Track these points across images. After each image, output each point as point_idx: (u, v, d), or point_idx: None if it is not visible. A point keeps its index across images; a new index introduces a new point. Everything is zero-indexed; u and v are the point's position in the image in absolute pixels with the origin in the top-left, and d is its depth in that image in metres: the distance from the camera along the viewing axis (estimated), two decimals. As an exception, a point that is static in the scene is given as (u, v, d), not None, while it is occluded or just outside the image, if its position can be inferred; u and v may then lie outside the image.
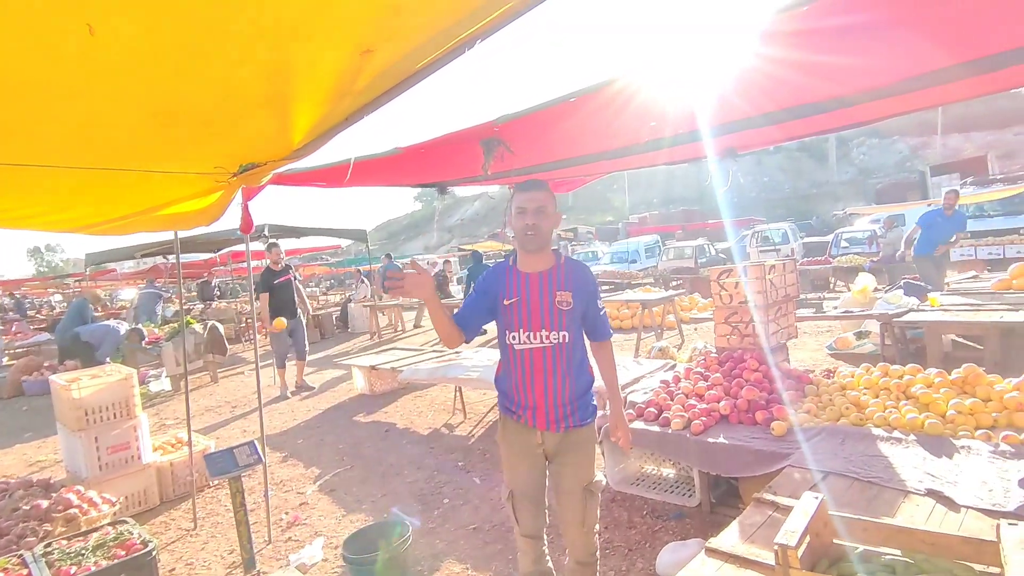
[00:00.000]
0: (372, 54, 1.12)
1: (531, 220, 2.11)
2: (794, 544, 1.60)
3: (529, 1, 0.96)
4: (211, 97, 1.30)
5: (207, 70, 1.16)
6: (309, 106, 1.42)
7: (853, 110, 2.99)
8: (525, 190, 2.14)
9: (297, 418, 6.55)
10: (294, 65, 1.17)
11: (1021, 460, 2.40)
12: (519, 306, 2.17)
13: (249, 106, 1.38)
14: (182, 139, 1.62)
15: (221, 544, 3.69)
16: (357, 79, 1.25)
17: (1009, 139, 38.65)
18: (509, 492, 2.29)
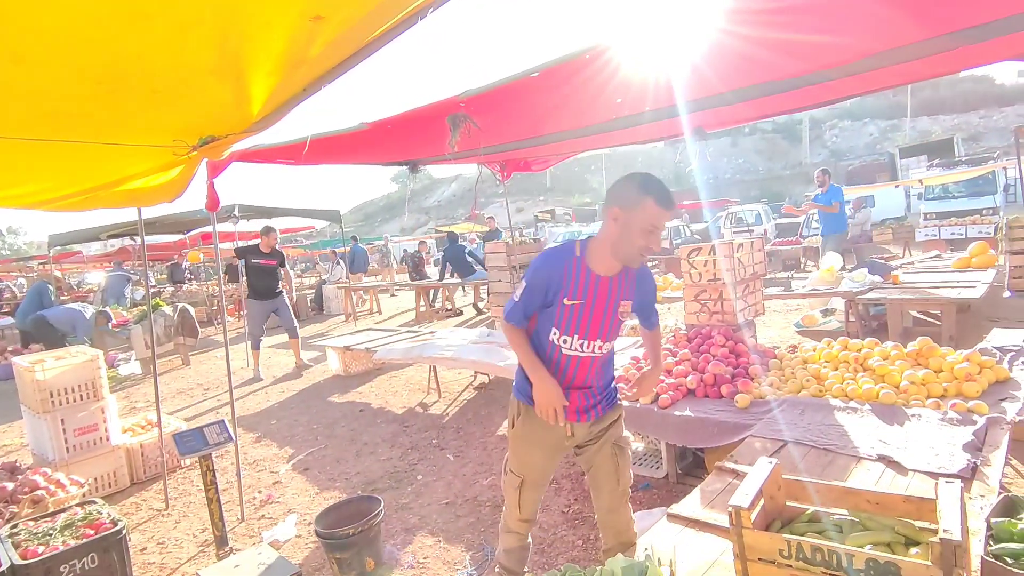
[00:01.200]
0: (323, 20, 1.11)
1: (659, 241, 1.88)
2: (747, 505, 1.66)
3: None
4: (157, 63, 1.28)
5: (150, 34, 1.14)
6: (263, 75, 1.41)
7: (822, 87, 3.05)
8: (669, 207, 1.82)
9: (271, 399, 6.52)
10: (244, 30, 1.15)
11: (967, 426, 2.51)
12: (581, 310, 1.95)
13: (199, 72, 1.36)
14: (132, 108, 1.59)
15: (193, 523, 3.68)
16: (310, 46, 1.24)
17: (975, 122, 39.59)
18: (520, 481, 2.20)
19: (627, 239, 1.84)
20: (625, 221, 1.83)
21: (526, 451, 2.20)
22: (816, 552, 1.54)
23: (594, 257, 1.94)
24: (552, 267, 1.93)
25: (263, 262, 7.43)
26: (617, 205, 1.85)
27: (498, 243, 7.12)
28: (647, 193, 1.80)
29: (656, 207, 1.80)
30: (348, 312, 12.51)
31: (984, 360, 3.03)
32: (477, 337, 5.98)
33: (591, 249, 1.94)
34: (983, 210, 15.05)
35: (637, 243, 1.83)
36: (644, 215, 1.80)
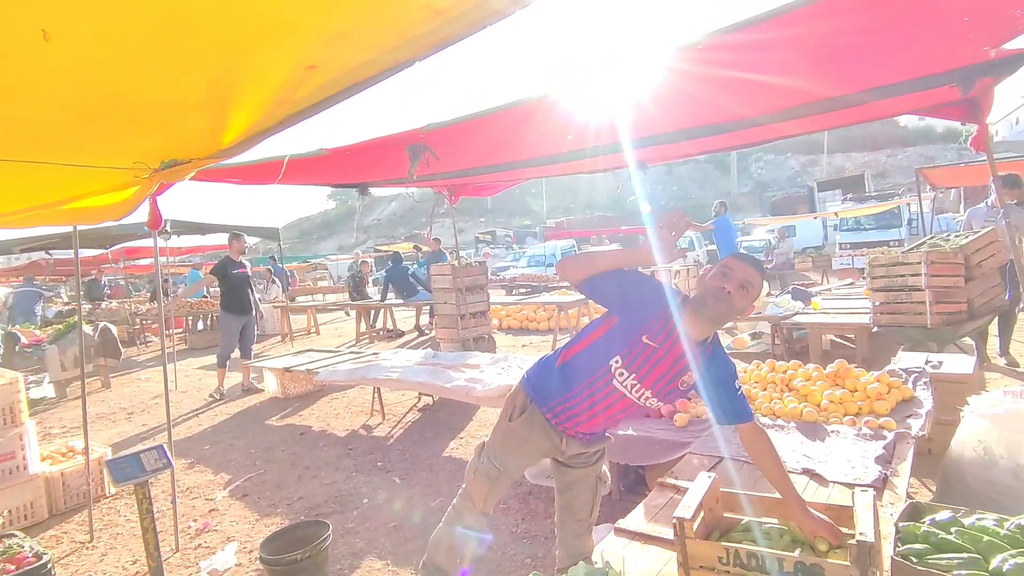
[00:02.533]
0: (316, 69, 1.17)
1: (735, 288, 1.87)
2: (690, 517, 1.80)
3: (465, 31, 1.05)
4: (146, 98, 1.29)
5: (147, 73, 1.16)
6: (246, 112, 1.44)
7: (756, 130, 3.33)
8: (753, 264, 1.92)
9: (203, 424, 6.25)
10: (239, 77, 1.20)
11: (878, 441, 2.77)
12: (653, 353, 1.91)
13: (185, 109, 1.39)
14: (103, 134, 1.58)
15: (122, 555, 3.50)
16: (298, 89, 1.29)
17: (883, 160, 43.16)
18: (499, 473, 2.19)
19: (705, 285, 1.92)
20: (709, 274, 1.96)
21: (516, 447, 2.19)
22: (751, 558, 1.69)
23: (687, 314, 1.91)
24: (652, 294, 1.94)
25: (240, 271, 7.14)
26: None
27: (444, 265, 7.18)
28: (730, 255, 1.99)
29: (732, 259, 1.95)
30: (285, 332, 12.14)
31: (892, 380, 3.34)
32: (422, 359, 5.98)
33: (691, 305, 1.92)
34: (890, 241, 16.39)
35: (711, 284, 1.90)
36: (722, 265, 1.94)
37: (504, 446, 2.21)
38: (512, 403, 2.22)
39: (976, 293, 4.67)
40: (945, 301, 4.68)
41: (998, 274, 4.85)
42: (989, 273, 4.74)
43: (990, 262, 4.70)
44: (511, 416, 2.19)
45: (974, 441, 2.61)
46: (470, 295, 6.74)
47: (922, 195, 9.80)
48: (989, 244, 4.72)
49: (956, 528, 1.82)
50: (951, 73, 2.20)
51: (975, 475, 2.59)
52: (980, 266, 4.68)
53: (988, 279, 4.74)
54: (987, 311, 4.71)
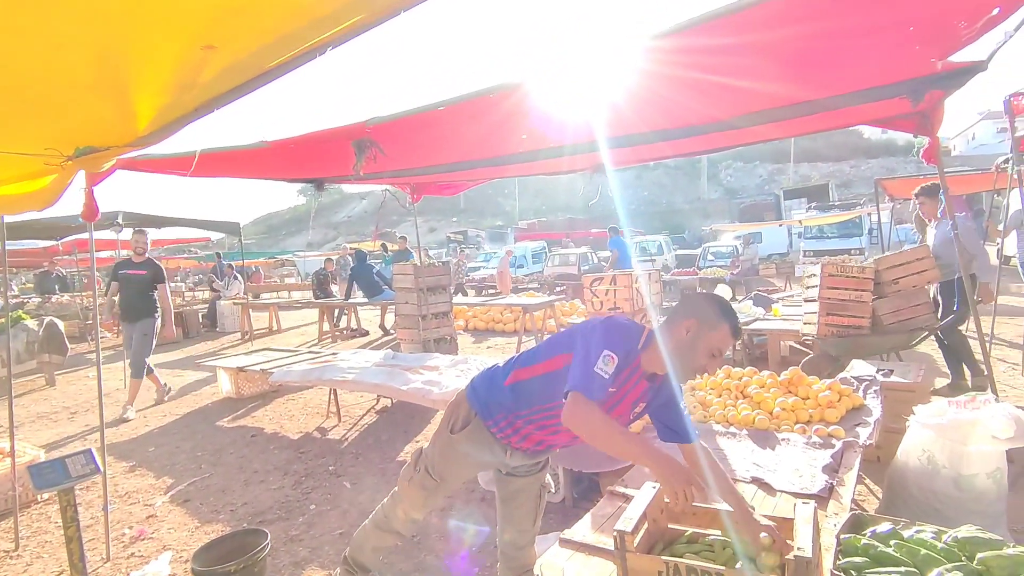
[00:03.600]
0: (215, 50, 1.08)
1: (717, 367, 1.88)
2: (630, 530, 1.75)
3: (379, 16, 0.98)
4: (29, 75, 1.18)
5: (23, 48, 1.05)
6: (149, 95, 1.34)
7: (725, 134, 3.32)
8: (737, 337, 1.86)
9: (150, 424, 6.01)
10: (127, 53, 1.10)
11: (826, 450, 2.77)
12: (611, 397, 1.87)
13: (75, 88, 1.27)
14: (4, 117, 1.45)
15: (49, 564, 3.30)
16: (200, 72, 1.19)
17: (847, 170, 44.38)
18: (436, 485, 2.14)
19: (692, 354, 1.82)
20: (696, 336, 1.81)
21: (457, 460, 2.12)
22: (691, 572, 1.64)
23: (649, 355, 1.87)
24: (629, 345, 1.85)
25: (130, 272, 6.25)
26: (696, 318, 1.82)
27: (406, 265, 7.05)
28: (727, 320, 1.82)
29: (729, 335, 1.82)
30: (245, 330, 11.83)
31: (843, 389, 3.37)
32: (381, 360, 5.85)
33: (651, 347, 1.86)
34: (851, 250, 16.80)
35: (700, 361, 1.83)
36: (717, 338, 1.81)
37: (443, 458, 2.13)
38: (455, 413, 2.13)
39: (887, 310, 4.61)
40: (838, 314, 4.66)
41: (924, 293, 4.74)
42: (909, 291, 4.64)
43: (911, 280, 4.64)
44: (452, 427, 2.10)
45: (918, 450, 2.63)
46: (432, 295, 6.63)
47: (881, 205, 10.05)
48: (911, 262, 4.65)
49: (895, 541, 1.81)
50: (901, 84, 2.21)
51: (919, 484, 2.61)
52: (896, 283, 4.64)
53: (908, 297, 4.63)
54: (902, 329, 4.62)
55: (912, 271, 4.64)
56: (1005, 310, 7.41)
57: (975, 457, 2.45)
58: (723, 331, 1.81)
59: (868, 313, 4.62)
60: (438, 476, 2.13)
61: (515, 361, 2.10)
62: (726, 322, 1.82)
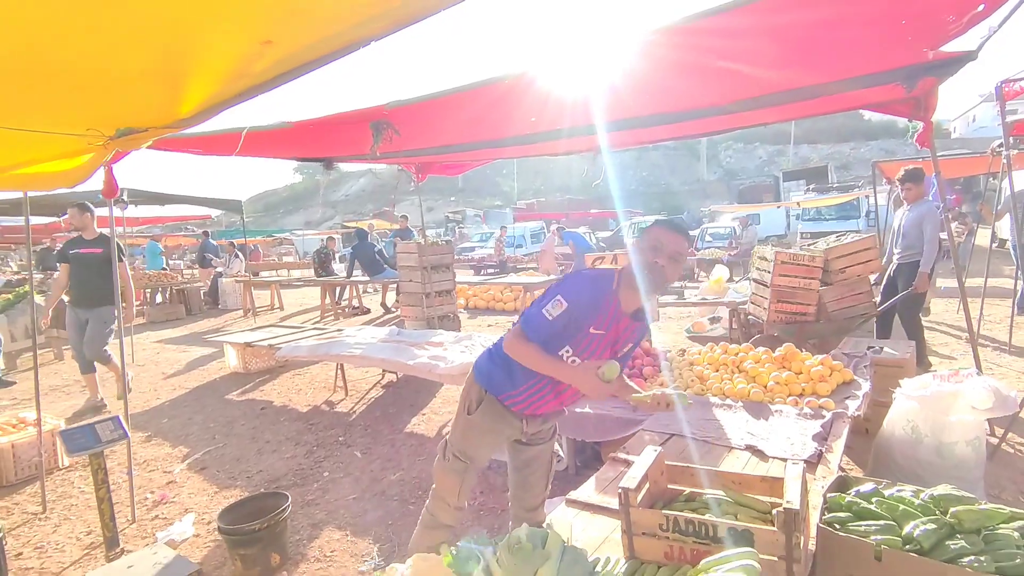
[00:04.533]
0: (272, 45, 1.18)
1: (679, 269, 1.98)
2: (634, 487, 1.90)
3: (423, 12, 1.08)
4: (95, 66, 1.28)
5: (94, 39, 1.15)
6: (202, 83, 1.44)
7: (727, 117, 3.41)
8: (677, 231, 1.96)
9: (161, 397, 6.17)
10: (192, 48, 1.20)
11: (816, 420, 2.93)
12: (601, 340, 2.02)
13: (131, 75, 1.37)
14: (50, 98, 1.55)
15: (76, 526, 3.47)
16: (255, 64, 1.30)
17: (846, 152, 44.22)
18: (464, 467, 2.26)
19: (645, 266, 1.95)
20: (640, 250, 1.97)
21: (479, 438, 2.25)
22: (688, 524, 1.79)
23: (624, 291, 2.00)
24: (596, 295, 1.98)
25: (83, 251, 5.25)
26: (639, 243, 1.99)
27: (410, 243, 7.16)
28: (658, 227, 1.98)
29: (665, 231, 1.95)
30: (247, 307, 11.95)
31: (834, 364, 3.52)
32: (386, 335, 6.00)
33: (624, 282, 2.00)
34: (848, 232, 16.87)
35: (644, 258, 1.95)
36: (656, 242, 1.95)
37: (466, 439, 2.27)
38: (468, 396, 2.27)
39: (832, 298, 4.79)
40: (787, 301, 4.84)
41: (866, 282, 4.92)
42: (854, 280, 4.82)
43: (856, 269, 4.80)
44: (469, 409, 2.25)
45: (903, 421, 2.79)
46: (435, 273, 6.75)
47: (878, 188, 10.13)
48: (858, 252, 4.81)
49: (877, 498, 1.97)
50: (895, 72, 2.32)
51: (903, 452, 2.78)
52: (843, 272, 4.80)
53: (852, 286, 4.82)
54: (846, 316, 4.80)
55: (859, 260, 4.81)
56: (996, 292, 7.57)
57: (956, 426, 2.60)
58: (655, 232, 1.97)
59: (815, 301, 4.81)
60: (466, 457, 2.26)
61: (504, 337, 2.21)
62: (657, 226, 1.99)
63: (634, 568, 1.83)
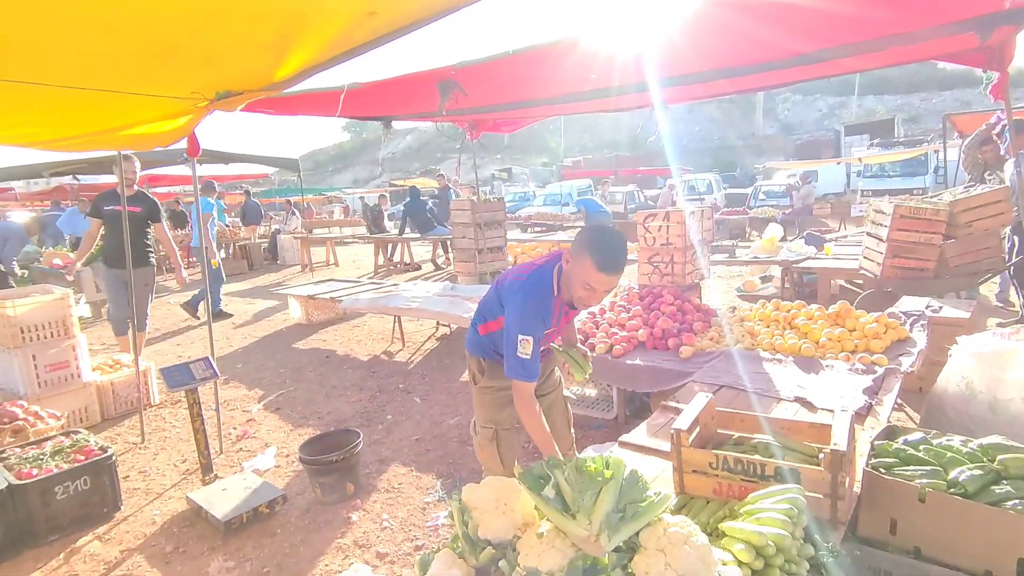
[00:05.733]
0: (375, 16, 1.30)
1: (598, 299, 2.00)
2: (686, 428, 2.03)
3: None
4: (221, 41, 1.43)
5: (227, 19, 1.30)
6: (305, 51, 1.57)
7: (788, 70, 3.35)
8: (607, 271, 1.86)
9: (234, 344, 6.62)
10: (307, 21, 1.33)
11: (868, 375, 2.97)
12: (550, 335, 2.18)
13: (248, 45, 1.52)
14: (166, 68, 1.72)
15: (172, 455, 3.88)
16: (355, 32, 1.42)
17: (916, 103, 41.36)
18: (493, 432, 2.37)
19: (570, 285, 1.97)
20: (571, 268, 1.95)
21: (495, 402, 2.38)
22: (737, 463, 1.92)
23: (565, 291, 2.06)
24: (544, 314, 2.03)
25: (119, 208, 4.58)
26: (572, 250, 1.95)
27: (463, 200, 7.30)
28: (588, 251, 1.85)
29: (593, 268, 1.85)
30: (304, 263, 12.46)
31: (890, 322, 3.51)
32: (441, 290, 6.23)
33: (564, 284, 2.05)
34: (913, 190, 16.07)
35: (576, 293, 1.96)
36: (582, 270, 1.88)
37: (483, 406, 2.42)
38: (471, 370, 2.44)
39: (955, 252, 4.54)
40: (906, 256, 4.63)
41: (994, 236, 4.60)
42: (981, 234, 4.53)
43: (985, 223, 4.52)
44: (475, 379, 2.41)
45: (958, 377, 2.81)
46: (488, 230, 6.90)
47: (950, 142, 9.59)
48: (987, 204, 4.52)
49: (924, 446, 2.04)
50: (970, 21, 2.25)
51: (955, 408, 2.80)
52: (969, 226, 4.53)
53: (979, 240, 4.53)
54: (969, 272, 4.55)
55: (987, 214, 4.50)
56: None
57: (1012, 383, 2.61)
58: (586, 264, 1.85)
59: (936, 256, 4.56)
60: (491, 422, 2.40)
61: (476, 316, 2.39)
62: (589, 255, 1.84)
63: (683, 502, 1.98)
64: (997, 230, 4.62)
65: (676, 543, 1.31)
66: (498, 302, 2.22)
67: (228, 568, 2.65)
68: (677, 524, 1.37)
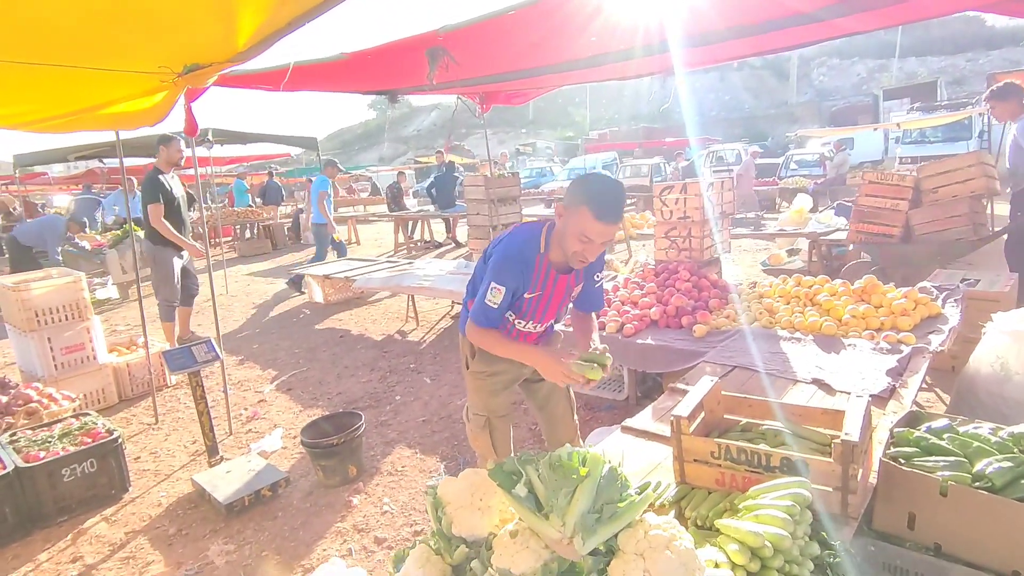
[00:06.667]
0: None
1: (598, 253, 1.85)
2: (687, 415, 1.90)
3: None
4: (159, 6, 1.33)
5: None
6: (251, 12, 1.47)
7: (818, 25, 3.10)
8: (605, 220, 1.72)
9: (251, 325, 6.67)
10: None
11: (893, 355, 2.78)
12: (539, 301, 2.02)
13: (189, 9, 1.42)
14: (122, 36, 1.64)
15: (184, 436, 3.91)
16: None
17: (961, 65, 39.21)
18: (485, 420, 2.28)
19: (565, 240, 1.82)
20: (565, 221, 1.81)
21: (488, 387, 2.27)
22: (741, 453, 1.79)
23: (554, 251, 1.93)
24: (524, 269, 1.92)
25: (174, 191, 5.03)
26: (564, 202, 1.81)
27: (476, 176, 7.16)
28: (584, 200, 1.73)
29: (591, 217, 1.72)
30: (326, 242, 12.50)
31: (920, 297, 3.29)
32: (454, 268, 6.14)
33: (553, 243, 1.91)
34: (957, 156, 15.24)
35: (572, 247, 1.80)
36: (578, 220, 1.75)
37: (476, 392, 2.30)
38: (463, 353, 2.30)
39: (921, 219, 4.59)
40: (870, 221, 4.74)
41: (963, 203, 4.54)
42: (948, 201, 4.56)
43: (952, 189, 4.54)
44: (467, 364, 2.28)
45: (992, 357, 2.60)
46: (502, 206, 6.76)
47: (995, 104, 9.01)
48: (954, 170, 4.56)
49: (949, 434, 1.87)
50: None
51: (988, 390, 2.60)
52: (935, 192, 4.58)
53: (946, 207, 4.56)
54: (934, 241, 4.58)
55: (954, 180, 4.55)
56: None
57: (1052, 364, 2.40)
58: (582, 214, 1.72)
59: (902, 222, 4.67)
60: (486, 411, 2.29)
61: (467, 292, 2.26)
62: (584, 203, 1.72)
63: (683, 493, 1.86)
64: (967, 197, 4.56)
65: (657, 547, 1.20)
66: (484, 265, 2.08)
67: (228, 551, 2.65)
68: (659, 526, 1.25)
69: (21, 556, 2.71)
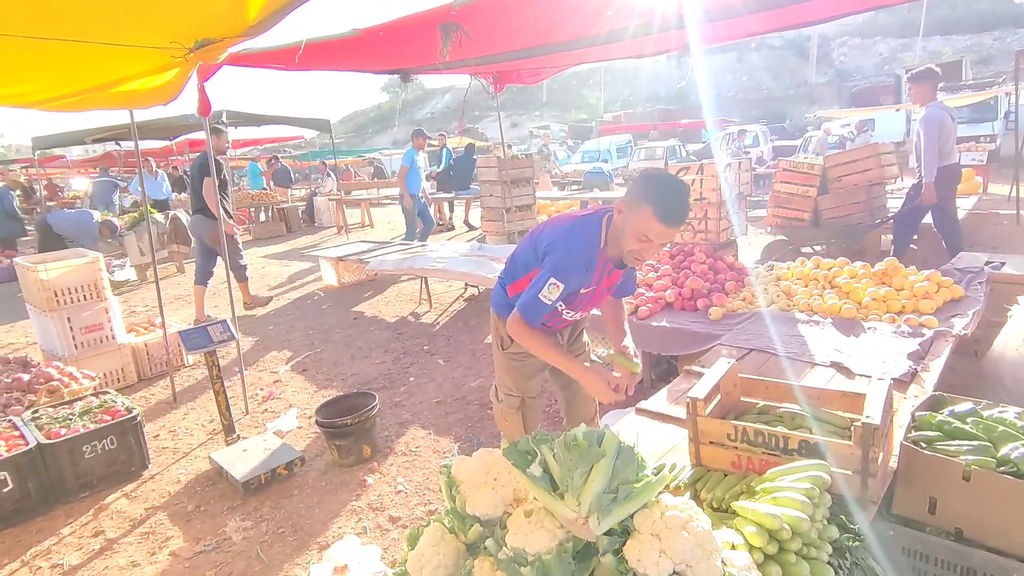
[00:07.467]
0: None
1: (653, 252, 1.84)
2: (702, 397, 1.87)
3: None
4: None
5: None
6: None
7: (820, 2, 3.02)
8: (668, 223, 1.70)
9: (268, 306, 6.71)
10: None
11: (915, 338, 2.73)
12: (592, 294, 2.02)
13: None
14: (131, 10, 1.62)
15: (201, 415, 3.96)
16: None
17: (988, 43, 38.07)
18: (520, 401, 2.32)
19: (623, 239, 1.79)
20: (625, 219, 1.77)
21: (522, 369, 2.29)
22: (758, 435, 1.76)
23: (611, 247, 1.89)
24: (587, 266, 1.88)
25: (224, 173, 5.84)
26: (624, 199, 1.78)
27: (490, 158, 7.11)
28: (649, 200, 1.70)
29: (654, 218, 1.69)
30: (340, 224, 12.53)
31: (943, 280, 3.22)
32: (467, 250, 6.12)
33: (611, 239, 1.87)
34: (980, 136, 14.89)
35: (629, 245, 1.78)
36: (640, 220, 1.72)
37: (509, 372, 2.31)
38: (498, 333, 2.28)
39: (828, 205, 5.08)
40: (784, 206, 5.23)
41: (863, 192, 5.01)
42: (850, 189, 5.02)
43: (853, 178, 5.00)
44: (503, 344, 2.27)
45: (1017, 340, 2.54)
46: (516, 188, 6.71)
47: (1022, 84, 8.72)
48: (855, 161, 5.01)
49: (973, 418, 1.84)
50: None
51: (1013, 375, 2.55)
52: (839, 180, 5.04)
53: (849, 194, 5.03)
54: (839, 225, 5.09)
55: (856, 170, 5.02)
56: None
57: (1081, 348, 2.34)
58: (645, 213, 1.70)
59: (811, 208, 5.13)
60: (518, 391, 2.31)
61: (504, 276, 2.22)
62: (648, 204, 1.69)
63: (699, 475, 1.84)
64: (866, 186, 5.04)
65: (673, 528, 1.18)
66: (534, 253, 2.02)
67: (245, 528, 2.68)
68: (676, 507, 1.24)
69: (45, 530, 2.77)
